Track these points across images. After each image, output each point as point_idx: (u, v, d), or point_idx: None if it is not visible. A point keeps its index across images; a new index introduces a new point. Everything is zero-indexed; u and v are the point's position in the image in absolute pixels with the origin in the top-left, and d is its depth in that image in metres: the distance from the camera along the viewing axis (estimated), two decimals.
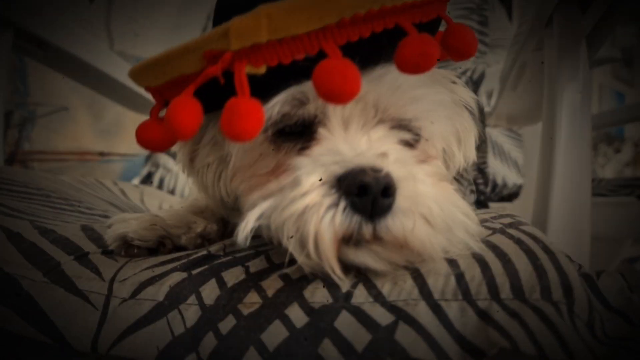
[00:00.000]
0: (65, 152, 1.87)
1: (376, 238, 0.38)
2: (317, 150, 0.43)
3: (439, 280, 0.39)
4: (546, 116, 0.95)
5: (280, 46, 0.37)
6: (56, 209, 0.72)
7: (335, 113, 0.44)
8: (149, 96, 0.51)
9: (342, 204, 0.38)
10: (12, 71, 1.73)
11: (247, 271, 0.45)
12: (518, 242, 0.41)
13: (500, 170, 1.90)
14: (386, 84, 0.44)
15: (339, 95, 0.35)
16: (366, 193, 0.37)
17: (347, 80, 0.35)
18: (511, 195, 1.84)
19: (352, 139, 0.43)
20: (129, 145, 2.04)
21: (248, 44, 0.36)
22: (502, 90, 1.39)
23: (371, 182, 0.37)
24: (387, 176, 0.38)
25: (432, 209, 0.39)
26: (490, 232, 0.45)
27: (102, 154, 1.95)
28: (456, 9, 1.56)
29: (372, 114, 0.45)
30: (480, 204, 1.50)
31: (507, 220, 0.48)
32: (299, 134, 0.46)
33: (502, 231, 0.44)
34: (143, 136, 0.42)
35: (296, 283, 0.43)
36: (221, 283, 0.44)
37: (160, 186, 1.37)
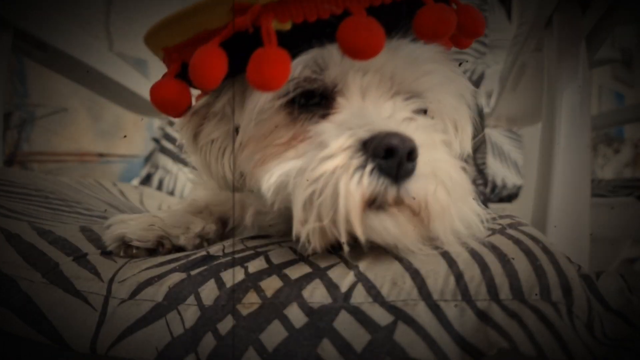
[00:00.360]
0: (64, 153, 1.87)
1: (397, 203, 0.39)
2: (340, 116, 0.43)
3: (439, 281, 0.39)
4: (545, 117, 0.95)
5: (307, 2, 0.38)
6: (55, 210, 0.72)
7: (355, 81, 0.44)
8: (147, 97, 0.52)
9: (370, 166, 0.39)
10: (12, 72, 1.73)
11: (246, 271, 0.45)
12: (517, 242, 0.41)
13: (499, 171, 1.90)
14: (402, 56, 0.45)
15: (363, 49, 0.36)
16: (392, 156, 0.38)
17: (372, 35, 0.36)
18: (511, 196, 1.84)
19: (373, 107, 0.44)
20: (129, 146, 2.04)
21: None
22: (502, 91, 1.39)
23: (398, 145, 0.38)
24: (412, 140, 0.39)
25: (452, 176, 0.41)
26: (489, 232, 0.45)
27: (101, 155, 1.95)
28: None
29: (389, 86, 0.45)
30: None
31: (506, 221, 0.48)
32: (316, 105, 0.46)
33: (501, 232, 0.44)
34: (158, 95, 0.43)
35: (295, 283, 0.42)
36: (220, 283, 0.44)
37: (159, 187, 1.37)
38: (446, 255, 0.41)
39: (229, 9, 0.39)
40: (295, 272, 0.44)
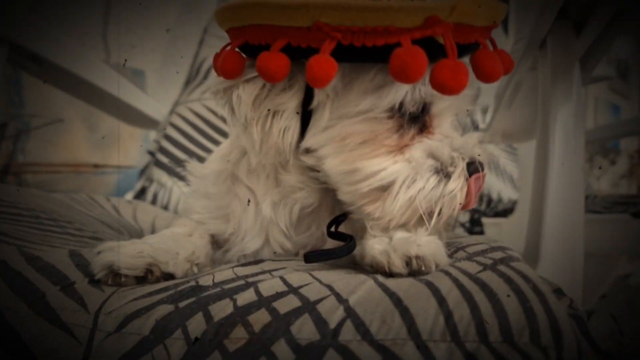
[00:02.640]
0: (59, 164, 1.86)
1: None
2: (437, 136, 0.56)
3: (428, 320, 0.38)
4: (540, 135, 0.96)
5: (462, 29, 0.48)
6: (45, 231, 0.71)
7: (441, 103, 0.56)
8: (143, 110, 0.54)
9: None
10: (8, 82, 1.73)
11: (235, 304, 0.44)
12: (508, 281, 0.40)
13: (495, 185, 1.90)
14: None
15: (454, 89, 0.46)
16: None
17: (462, 77, 0.46)
18: (506, 211, 1.83)
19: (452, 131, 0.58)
20: (124, 157, 2.03)
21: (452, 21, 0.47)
22: (498, 107, 1.39)
23: (479, 169, 0.55)
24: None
25: None
26: (480, 267, 0.45)
27: (96, 165, 1.94)
28: None
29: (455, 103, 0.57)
30: (474, 222, 1.50)
31: (498, 255, 0.48)
32: (415, 118, 0.55)
33: (492, 268, 0.44)
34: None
35: (284, 318, 0.42)
36: (208, 317, 0.43)
37: (154, 201, 1.36)
38: (437, 293, 0.40)
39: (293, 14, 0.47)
40: (285, 305, 0.43)
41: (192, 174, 0.69)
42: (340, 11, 0.46)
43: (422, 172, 0.54)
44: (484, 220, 1.74)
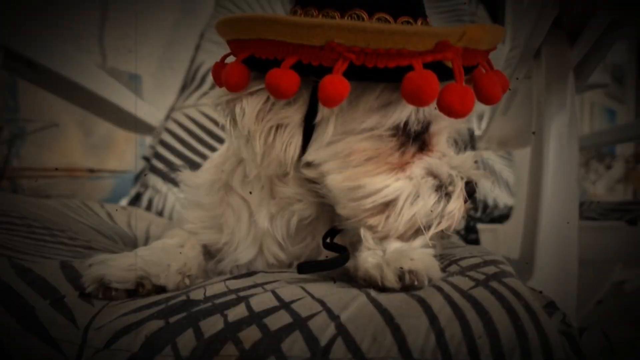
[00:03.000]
0: (54, 169, 1.85)
1: None
2: (437, 154, 0.58)
3: (419, 338, 0.38)
4: (534, 143, 0.96)
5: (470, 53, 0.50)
6: (37, 240, 0.71)
7: (441, 123, 0.57)
8: (139, 115, 0.54)
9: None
10: (3, 87, 1.72)
11: (226, 320, 0.44)
12: (500, 298, 0.40)
13: (491, 191, 1.90)
14: None
15: (461, 113, 0.47)
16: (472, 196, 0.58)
17: (469, 101, 0.47)
18: (502, 217, 1.83)
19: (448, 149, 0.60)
20: (120, 161, 2.03)
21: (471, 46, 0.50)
22: (493, 114, 1.39)
23: (475, 189, 0.59)
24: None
25: None
26: (473, 283, 0.44)
27: (91, 170, 1.94)
28: None
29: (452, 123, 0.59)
30: (470, 229, 1.50)
31: (491, 270, 0.48)
32: (416, 137, 0.56)
33: (484, 284, 0.44)
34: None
35: (274, 335, 0.42)
36: (198, 333, 0.43)
37: (148, 207, 1.36)
38: (428, 310, 0.40)
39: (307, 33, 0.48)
40: (276, 321, 0.43)
41: (184, 183, 0.69)
42: (356, 33, 0.47)
43: (424, 190, 0.55)
44: (480, 226, 1.74)
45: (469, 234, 1.56)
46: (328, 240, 0.60)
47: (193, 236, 0.65)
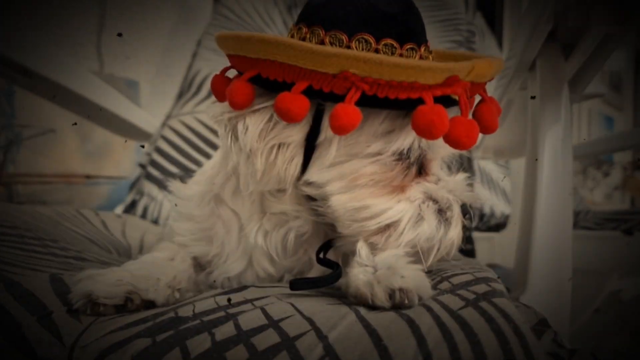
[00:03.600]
0: (50, 175, 1.84)
1: None
2: (434, 177, 0.60)
3: None
4: (529, 156, 0.96)
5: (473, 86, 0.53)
6: (29, 252, 0.70)
7: (438, 149, 0.58)
8: (135, 122, 0.51)
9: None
10: None
11: (213, 339, 0.44)
12: (489, 320, 0.40)
13: (488, 200, 1.90)
14: None
15: (466, 144, 0.49)
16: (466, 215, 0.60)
17: (475, 134, 0.50)
18: (499, 226, 1.83)
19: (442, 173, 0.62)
20: (116, 168, 2.02)
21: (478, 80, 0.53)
22: None
23: (469, 211, 0.61)
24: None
25: None
26: (463, 303, 0.44)
27: (88, 176, 1.93)
28: (444, 42, 1.58)
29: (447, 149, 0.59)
30: (465, 239, 1.49)
31: (482, 289, 0.47)
32: (415, 162, 0.58)
33: (474, 304, 0.43)
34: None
35: (262, 355, 0.41)
36: (185, 353, 0.42)
37: (144, 215, 1.35)
38: (417, 331, 0.40)
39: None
40: (264, 341, 0.43)
41: (175, 195, 0.69)
42: (371, 65, 0.48)
43: (428, 214, 0.57)
44: (477, 235, 1.74)
45: (464, 244, 1.55)
46: (321, 255, 0.60)
47: (183, 249, 0.65)
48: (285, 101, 0.50)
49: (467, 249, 1.56)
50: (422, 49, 0.56)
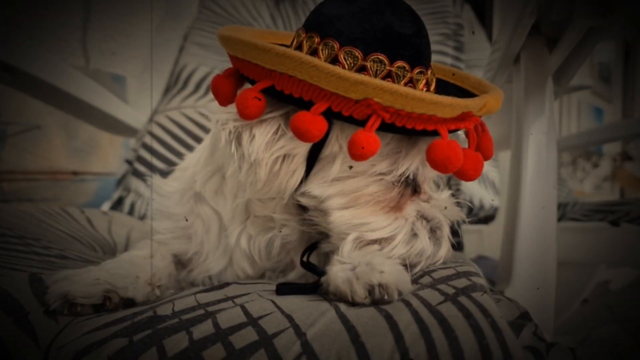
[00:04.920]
0: (36, 172, 1.82)
1: None
2: (425, 196, 0.62)
3: (384, 358, 0.37)
4: (514, 150, 0.96)
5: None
6: (9, 250, 0.70)
7: (428, 172, 0.59)
8: (121, 118, 0.47)
9: None
10: None
11: (191, 338, 0.43)
12: (467, 316, 0.40)
13: (477, 192, 1.90)
14: None
15: (474, 176, 0.52)
16: None
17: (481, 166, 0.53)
18: (487, 218, 1.84)
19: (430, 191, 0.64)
20: (104, 164, 2.01)
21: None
22: None
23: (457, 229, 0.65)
24: None
25: None
26: (442, 298, 0.44)
27: (75, 173, 1.91)
28: (431, 34, 1.57)
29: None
30: (453, 232, 1.49)
31: (462, 283, 0.47)
32: (410, 183, 0.59)
33: (453, 299, 0.43)
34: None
35: (239, 353, 0.41)
36: (162, 352, 0.42)
37: (131, 211, 1.34)
38: (395, 328, 0.40)
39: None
40: (241, 339, 0.42)
41: (156, 192, 0.68)
42: (395, 96, 0.48)
43: (422, 233, 0.59)
44: (465, 227, 1.74)
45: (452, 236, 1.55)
46: (305, 258, 0.60)
47: (162, 246, 0.64)
48: (306, 122, 0.50)
49: (455, 242, 1.57)
50: (429, 72, 0.57)
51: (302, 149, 0.54)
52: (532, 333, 0.47)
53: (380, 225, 0.57)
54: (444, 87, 0.62)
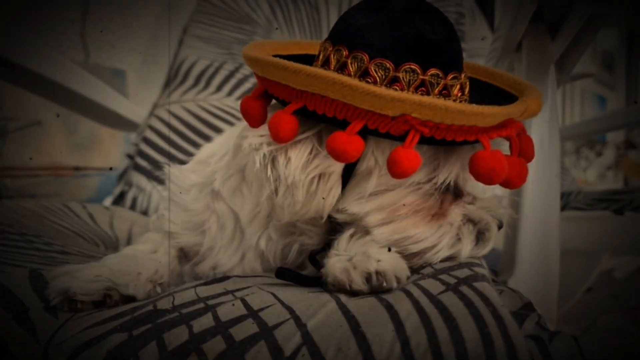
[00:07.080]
0: (38, 168, 1.82)
1: None
2: (468, 198, 0.60)
3: (384, 347, 0.37)
4: None
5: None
6: (10, 247, 0.69)
7: (468, 180, 0.58)
8: (121, 112, 0.46)
9: None
10: None
11: (191, 331, 0.43)
12: (468, 305, 0.39)
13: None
14: None
15: (518, 184, 0.51)
16: None
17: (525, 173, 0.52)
18: None
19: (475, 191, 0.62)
20: (105, 159, 2.00)
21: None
22: None
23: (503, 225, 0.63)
24: None
25: None
26: (443, 288, 0.44)
27: (77, 168, 1.91)
28: None
29: None
30: None
31: (464, 273, 0.47)
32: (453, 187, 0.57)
33: (454, 288, 0.43)
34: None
35: (239, 346, 0.41)
36: (162, 346, 0.42)
37: (133, 206, 1.34)
38: (395, 317, 0.39)
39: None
40: (241, 331, 0.42)
41: (172, 181, 0.67)
42: (434, 110, 0.47)
43: (465, 236, 0.57)
44: None
45: None
46: (317, 256, 0.59)
47: (167, 239, 0.64)
48: (342, 142, 0.48)
49: None
50: (462, 75, 0.55)
51: (338, 166, 0.53)
52: (535, 323, 0.47)
53: (423, 236, 0.55)
54: (478, 88, 0.60)
